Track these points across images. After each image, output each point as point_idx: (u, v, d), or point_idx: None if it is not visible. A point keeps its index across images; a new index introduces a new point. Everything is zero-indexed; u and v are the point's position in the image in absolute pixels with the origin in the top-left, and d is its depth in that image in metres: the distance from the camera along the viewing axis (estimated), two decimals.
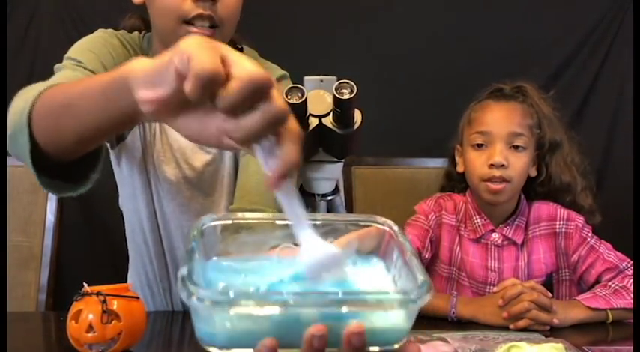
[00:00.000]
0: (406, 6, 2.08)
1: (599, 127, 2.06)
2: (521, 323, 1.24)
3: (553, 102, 1.50)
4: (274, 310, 0.52)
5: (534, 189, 1.48)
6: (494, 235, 1.44)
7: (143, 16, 1.27)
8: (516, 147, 1.40)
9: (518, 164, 1.40)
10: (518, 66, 2.04)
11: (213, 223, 0.65)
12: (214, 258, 0.64)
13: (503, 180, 1.38)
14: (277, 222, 0.65)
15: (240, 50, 1.32)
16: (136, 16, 1.30)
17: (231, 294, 0.52)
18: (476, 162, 1.42)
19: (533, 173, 1.46)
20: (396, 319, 0.56)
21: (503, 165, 1.38)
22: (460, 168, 1.49)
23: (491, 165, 1.38)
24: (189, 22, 1.12)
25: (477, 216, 1.45)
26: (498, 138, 1.40)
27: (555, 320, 1.25)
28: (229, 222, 0.66)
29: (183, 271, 0.54)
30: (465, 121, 1.50)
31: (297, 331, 0.53)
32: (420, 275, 0.58)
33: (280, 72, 1.31)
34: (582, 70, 2.08)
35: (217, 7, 1.12)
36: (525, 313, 1.23)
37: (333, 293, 0.56)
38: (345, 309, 0.53)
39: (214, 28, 1.14)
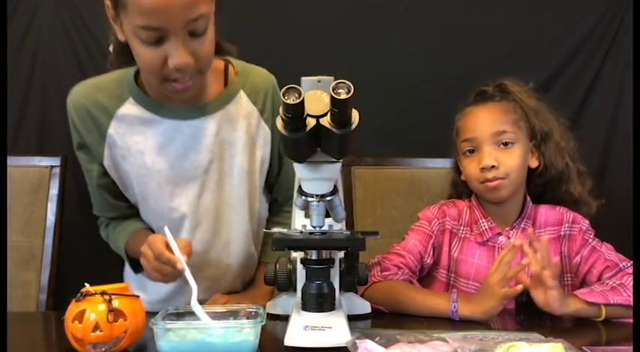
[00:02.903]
0: (406, 5, 2.08)
1: (599, 127, 2.06)
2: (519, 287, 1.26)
3: (536, 92, 1.52)
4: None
5: (534, 180, 1.50)
6: (501, 239, 1.46)
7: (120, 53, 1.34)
8: (505, 144, 1.43)
9: (510, 160, 1.42)
10: (518, 66, 2.04)
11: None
12: None
13: (497, 179, 1.41)
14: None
15: (221, 50, 1.37)
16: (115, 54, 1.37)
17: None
18: (470, 168, 1.46)
19: (534, 164, 1.48)
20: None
21: (493, 166, 1.41)
22: (463, 177, 1.52)
23: (482, 169, 1.42)
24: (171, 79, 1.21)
25: (484, 220, 1.48)
26: (484, 141, 1.43)
27: (549, 274, 1.24)
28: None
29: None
30: (454, 132, 1.54)
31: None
32: None
33: (269, 80, 1.44)
34: (582, 70, 2.08)
35: (194, 64, 1.19)
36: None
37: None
38: None
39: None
